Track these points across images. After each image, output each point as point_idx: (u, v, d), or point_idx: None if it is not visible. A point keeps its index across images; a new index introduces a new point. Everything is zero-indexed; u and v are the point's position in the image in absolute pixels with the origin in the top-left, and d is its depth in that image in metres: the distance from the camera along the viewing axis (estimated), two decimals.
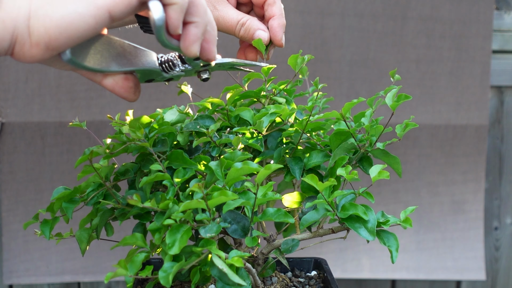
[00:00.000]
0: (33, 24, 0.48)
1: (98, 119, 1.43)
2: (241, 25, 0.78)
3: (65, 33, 0.48)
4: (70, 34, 0.49)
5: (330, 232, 0.70)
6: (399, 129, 0.69)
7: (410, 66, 1.54)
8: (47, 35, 0.48)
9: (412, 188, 1.61)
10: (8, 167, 1.47)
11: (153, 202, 0.64)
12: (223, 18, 0.78)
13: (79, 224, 0.74)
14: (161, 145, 0.71)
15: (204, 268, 0.63)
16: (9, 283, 1.51)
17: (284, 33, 0.79)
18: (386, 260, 1.60)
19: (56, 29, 0.48)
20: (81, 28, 0.49)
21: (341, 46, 1.50)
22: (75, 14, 0.48)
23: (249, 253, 0.73)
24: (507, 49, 1.61)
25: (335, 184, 0.66)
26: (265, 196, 0.63)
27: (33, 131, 1.46)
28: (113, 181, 0.73)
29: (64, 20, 0.48)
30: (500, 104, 1.66)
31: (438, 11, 1.52)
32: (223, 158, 0.66)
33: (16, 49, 0.49)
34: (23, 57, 0.49)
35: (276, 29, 0.78)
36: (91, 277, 1.53)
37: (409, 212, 0.67)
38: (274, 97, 0.79)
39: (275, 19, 0.79)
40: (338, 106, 0.72)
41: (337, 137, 0.71)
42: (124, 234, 0.69)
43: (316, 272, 0.84)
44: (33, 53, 0.49)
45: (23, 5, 0.48)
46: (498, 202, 1.69)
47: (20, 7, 0.47)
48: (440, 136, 1.59)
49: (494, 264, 1.71)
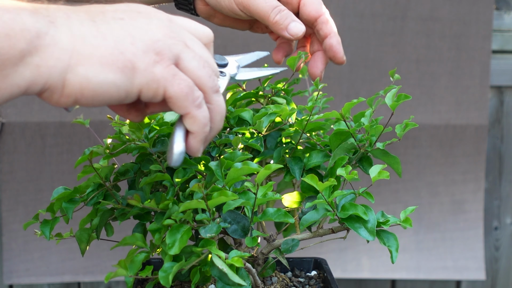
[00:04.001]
0: (70, 78, 0.49)
1: (98, 119, 1.43)
2: (278, 11, 0.73)
3: (97, 98, 0.50)
4: (102, 100, 0.50)
5: (330, 232, 0.70)
6: (399, 129, 0.69)
7: (410, 66, 1.54)
8: (80, 93, 0.49)
9: (412, 188, 1.61)
10: (8, 167, 1.47)
11: (153, 202, 0.64)
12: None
13: (79, 224, 0.74)
14: (161, 145, 0.71)
15: (204, 268, 0.63)
16: (9, 283, 1.51)
17: None
18: (386, 260, 1.60)
19: (91, 92, 0.49)
20: (113, 98, 0.51)
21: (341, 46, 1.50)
22: (113, 85, 0.50)
23: (249, 253, 0.73)
24: (507, 49, 1.61)
25: (335, 184, 0.66)
26: (265, 196, 0.63)
27: (33, 131, 1.46)
28: (113, 181, 0.73)
29: (101, 87, 0.49)
30: (500, 104, 1.66)
31: (438, 11, 1.52)
32: (223, 158, 0.66)
33: (46, 94, 0.50)
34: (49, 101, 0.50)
35: (337, 46, 0.76)
36: (91, 277, 1.53)
37: (409, 212, 0.67)
38: (274, 97, 0.79)
39: (333, 37, 0.76)
40: (338, 106, 0.72)
41: (337, 137, 0.71)
42: (124, 234, 0.69)
43: (316, 272, 0.84)
44: (61, 102, 0.50)
45: (63, 57, 0.48)
46: (498, 202, 1.69)
47: (59, 58, 0.48)
48: (440, 136, 1.59)
49: (494, 264, 1.71)
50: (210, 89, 0.55)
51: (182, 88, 0.52)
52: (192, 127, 0.54)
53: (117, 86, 0.50)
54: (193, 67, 0.54)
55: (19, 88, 0.47)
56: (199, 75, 0.54)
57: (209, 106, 0.55)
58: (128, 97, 0.51)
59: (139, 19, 0.53)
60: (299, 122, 0.72)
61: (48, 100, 0.50)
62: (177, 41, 0.53)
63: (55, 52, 0.47)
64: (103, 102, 0.51)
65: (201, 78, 0.54)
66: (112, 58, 0.49)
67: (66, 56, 0.48)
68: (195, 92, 0.53)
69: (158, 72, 0.51)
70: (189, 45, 0.54)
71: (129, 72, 0.50)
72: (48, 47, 0.47)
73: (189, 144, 0.55)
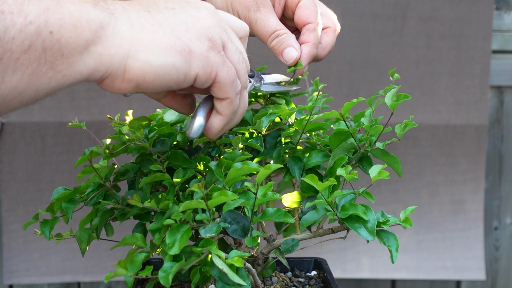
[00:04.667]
0: (131, 63, 0.51)
1: (98, 119, 1.43)
2: (276, 36, 0.76)
3: (158, 81, 0.52)
4: (162, 82, 0.53)
5: (330, 232, 0.70)
6: (399, 129, 0.69)
7: (410, 66, 1.54)
8: (141, 77, 0.52)
9: (412, 188, 1.61)
10: (8, 167, 1.47)
11: (153, 202, 0.64)
12: (262, 21, 0.75)
13: (79, 224, 0.74)
14: (161, 145, 0.71)
15: (204, 268, 0.63)
16: (9, 283, 1.51)
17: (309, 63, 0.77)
18: (386, 260, 1.60)
19: (152, 75, 0.52)
20: (173, 81, 0.53)
21: (341, 46, 1.50)
22: (173, 68, 0.52)
23: (249, 253, 0.73)
24: (507, 49, 1.61)
25: (335, 184, 0.66)
26: (265, 196, 0.63)
27: (33, 131, 1.46)
28: (113, 181, 0.73)
29: (162, 70, 0.52)
30: (500, 104, 1.66)
31: (438, 11, 1.52)
32: (223, 158, 0.66)
33: (107, 81, 0.52)
34: (110, 88, 0.53)
35: (304, 56, 0.76)
36: (91, 277, 1.53)
37: (409, 212, 0.67)
38: (273, 98, 0.80)
39: (307, 46, 0.76)
40: (338, 106, 0.72)
41: (336, 137, 0.71)
42: (124, 234, 0.69)
43: (316, 272, 0.84)
44: (122, 88, 0.52)
45: (124, 45, 0.50)
46: (498, 202, 1.69)
47: (120, 46, 0.50)
48: (440, 136, 1.59)
49: (494, 264, 1.71)
50: (243, 83, 0.59)
51: (230, 74, 0.56)
52: (225, 111, 0.58)
53: (177, 68, 0.52)
54: (235, 59, 0.57)
55: (81, 75, 0.49)
56: (238, 68, 0.58)
57: None
58: (186, 80, 0.54)
59: (189, 8, 0.56)
60: (299, 122, 0.72)
61: (110, 88, 0.52)
62: (223, 30, 0.57)
63: (116, 40, 0.50)
64: (163, 86, 0.53)
65: (239, 71, 0.58)
66: (170, 42, 0.52)
67: (126, 44, 0.50)
68: (237, 81, 0.57)
69: (212, 57, 0.54)
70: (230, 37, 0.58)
71: (187, 55, 0.53)
72: (110, 36, 0.50)
73: (212, 123, 0.59)
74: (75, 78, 0.49)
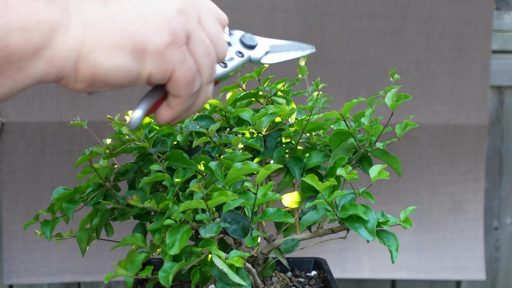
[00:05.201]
0: (81, 66, 0.50)
1: (98, 119, 1.43)
2: None
3: (109, 82, 0.51)
4: (114, 82, 0.51)
5: (330, 232, 0.70)
6: (399, 129, 0.69)
7: (410, 66, 1.54)
8: (92, 78, 0.51)
9: (412, 188, 1.61)
10: (8, 167, 1.47)
11: (153, 202, 0.64)
12: None
13: (79, 224, 0.74)
14: (161, 145, 0.71)
15: (204, 268, 0.63)
16: (9, 283, 1.51)
17: None
18: (386, 260, 1.60)
19: (102, 77, 0.50)
20: (124, 81, 0.52)
21: (341, 46, 1.50)
22: (123, 69, 0.51)
23: (249, 253, 0.73)
24: (507, 49, 1.61)
25: (335, 184, 0.66)
26: (265, 196, 0.63)
27: (33, 131, 1.46)
28: (113, 181, 0.73)
29: (112, 71, 0.50)
30: (500, 104, 1.66)
31: (438, 11, 1.52)
32: (223, 158, 0.66)
33: (62, 82, 0.51)
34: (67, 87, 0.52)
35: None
36: (91, 277, 1.53)
37: (409, 212, 0.67)
38: (274, 97, 0.79)
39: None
40: (338, 106, 0.72)
41: (337, 137, 0.71)
42: (124, 234, 0.69)
43: (316, 272, 0.84)
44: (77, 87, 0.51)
45: (75, 46, 0.49)
46: (498, 202, 1.69)
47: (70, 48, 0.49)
48: (440, 136, 1.59)
49: (494, 264, 1.71)
50: (205, 80, 0.56)
51: (188, 75, 0.54)
52: (175, 107, 0.56)
53: (128, 69, 0.51)
54: (199, 53, 0.54)
55: (33, 79, 0.48)
56: (201, 62, 0.55)
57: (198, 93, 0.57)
58: (140, 78, 0.52)
59: None
60: (299, 122, 0.72)
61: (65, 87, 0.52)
62: (190, 18, 0.54)
63: (67, 42, 0.48)
64: (116, 85, 0.52)
65: (202, 66, 0.55)
66: (122, 41, 0.50)
67: (77, 45, 0.49)
68: (196, 82, 0.55)
69: (169, 54, 0.52)
70: (202, 21, 0.55)
71: (139, 54, 0.51)
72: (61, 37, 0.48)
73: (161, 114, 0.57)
74: (26, 82, 0.48)
